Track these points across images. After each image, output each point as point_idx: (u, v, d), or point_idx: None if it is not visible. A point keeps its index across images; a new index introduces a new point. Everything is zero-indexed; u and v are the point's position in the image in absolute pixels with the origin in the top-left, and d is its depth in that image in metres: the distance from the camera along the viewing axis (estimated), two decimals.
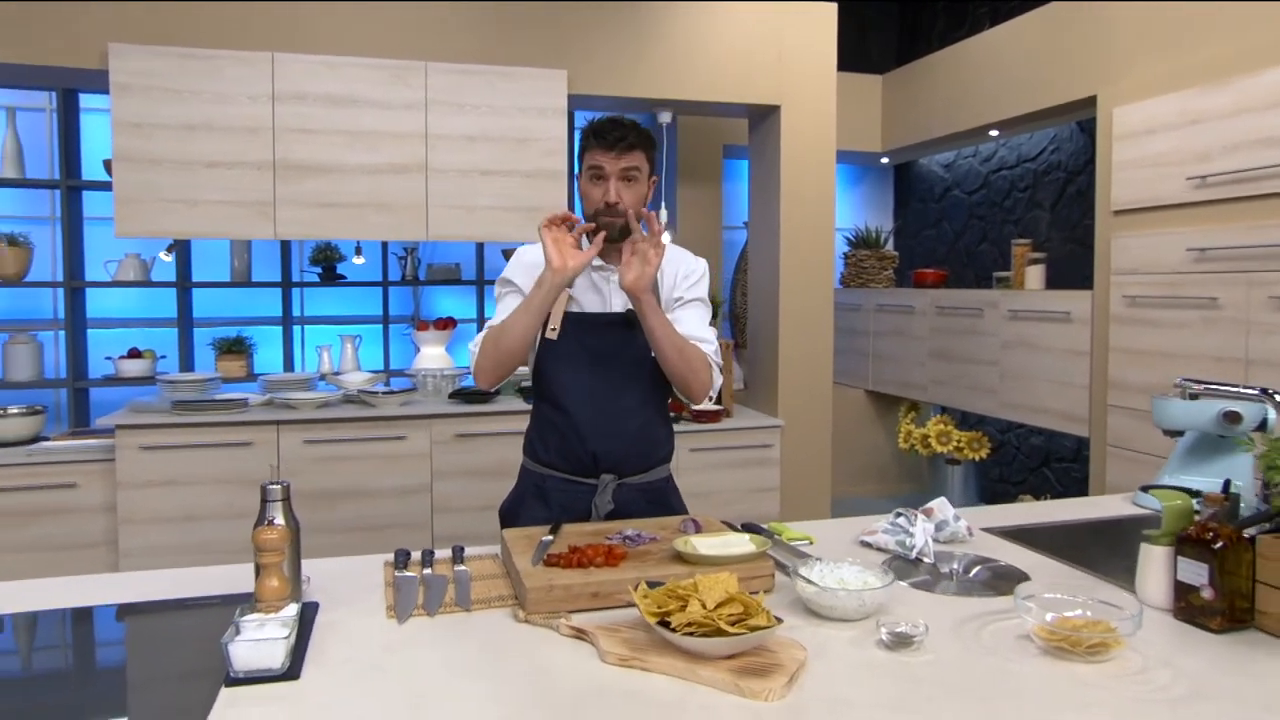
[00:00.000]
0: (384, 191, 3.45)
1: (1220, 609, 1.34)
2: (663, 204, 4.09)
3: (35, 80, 3.60)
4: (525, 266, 1.89)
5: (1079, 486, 4.46)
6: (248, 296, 4.49)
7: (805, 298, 4.08)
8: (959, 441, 4.72)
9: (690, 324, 1.91)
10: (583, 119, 5.10)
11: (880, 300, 5.24)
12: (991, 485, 5.25)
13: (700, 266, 2.00)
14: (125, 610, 1.48)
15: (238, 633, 1.20)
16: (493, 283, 4.45)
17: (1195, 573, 1.37)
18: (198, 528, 3.29)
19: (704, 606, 1.21)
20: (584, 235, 1.83)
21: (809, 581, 1.41)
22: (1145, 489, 2.13)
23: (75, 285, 4.00)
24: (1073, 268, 4.26)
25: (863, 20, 5.58)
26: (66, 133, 3.93)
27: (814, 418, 4.17)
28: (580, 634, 1.32)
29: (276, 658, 1.17)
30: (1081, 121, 4.39)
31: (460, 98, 3.49)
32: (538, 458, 1.95)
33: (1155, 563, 1.46)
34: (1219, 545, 1.35)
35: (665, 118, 3.98)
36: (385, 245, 4.49)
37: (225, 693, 1.14)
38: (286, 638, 1.18)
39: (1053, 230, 4.65)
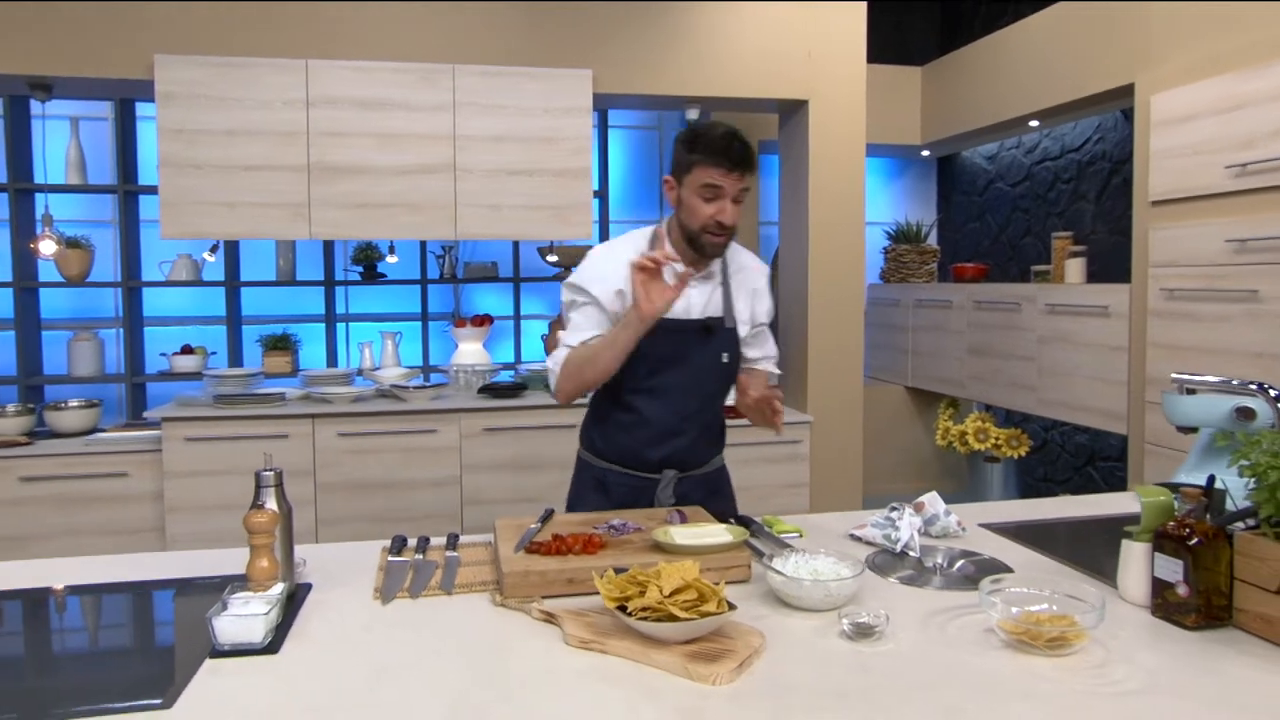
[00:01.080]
0: (414, 192, 3.56)
1: (1195, 606, 1.32)
2: None
3: (95, 92, 3.80)
4: (600, 278, 1.88)
5: (1123, 486, 4.33)
6: (293, 295, 4.66)
7: (835, 293, 4.06)
8: (997, 439, 4.63)
9: (766, 345, 2.07)
10: (593, 119, 5.15)
11: (918, 295, 5.17)
12: (1035, 484, 5.13)
13: (765, 277, 2.05)
14: (134, 587, 1.57)
15: (224, 609, 1.29)
16: (528, 280, 4.62)
17: (1171, 569, 1.35)
18: (239, 516, 3.44)
19: (661, 593, 1.24)
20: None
21: (776, 571, 1.44)
22: (1182, 487, 2.09)
23: (132, 285, 4.22)
24: (1117, 261, 4.14)
25: (902, 12, 5.50)
26: (123, 140, 4.14)
27: (844, 414, 4.15)
28: (550, 618, 1.36)
29: (257, 632, 1.25)
30: (1126, 110, 4.25)
31: (487, 99, 3.57)
32: (597, 452, 2.01)
33: (1135, 559, 1.44)
34: (1194, 542, 1.33)
35: (693, 115, 4.00)
36: (424, 244, 4.61)
37: (209, 663, 1.22)
38: (266, 614, 1.26)
39: (1097, 222, 4.52)
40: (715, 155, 1.77)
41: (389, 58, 3.53)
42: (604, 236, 4.66)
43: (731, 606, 1.26)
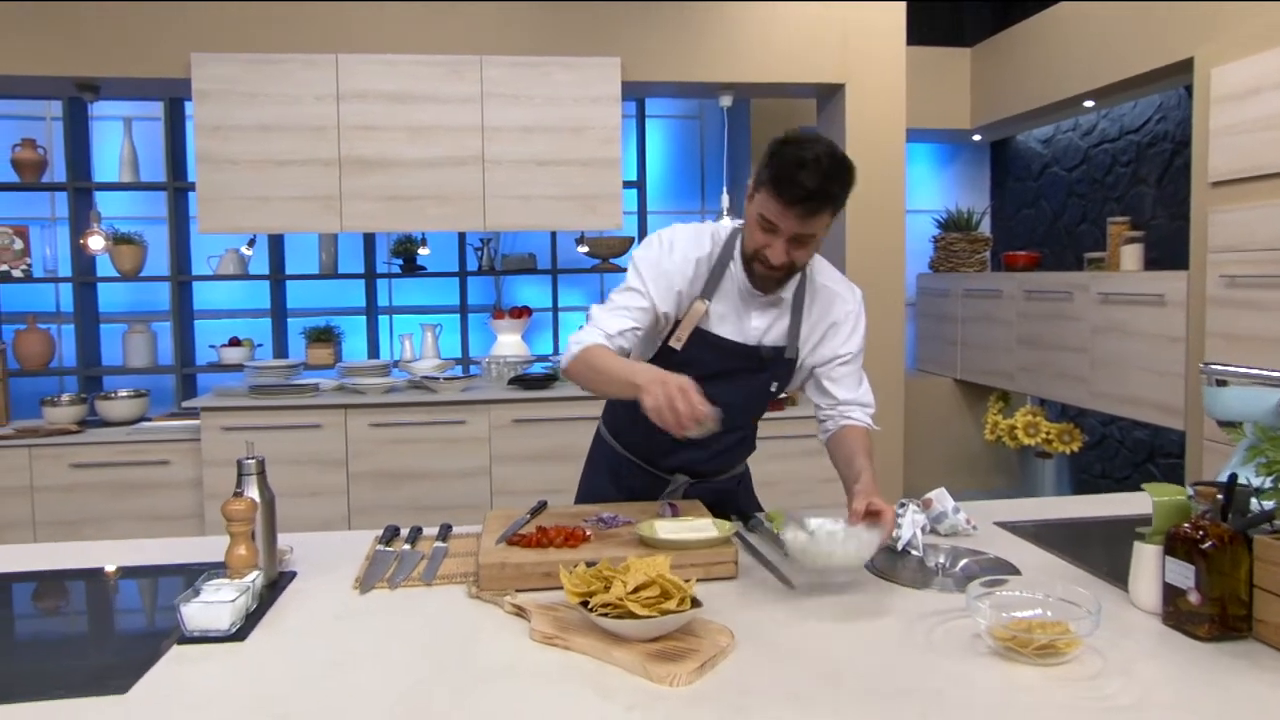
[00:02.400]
0: (443, 184, 3.57)
1: (1209, 615, 1.22)
2: (724, 189, 4.04)
3: (138, 91, 3.92)
4: (662, 274, 1.64)
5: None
6: (337, 288, 4.75)
7: (874, 284, 3.93)
8: (1048, 434, 4.44)
9: (858, 389, 1.76)
10: (630, 109, 5.09)
11: (968, 285, 4.99)
12: (1091, 481, 4.91)
13: (860, 301, 1.76)
14: (135, 571, 1.60)
15: (195, 595, 1.29)
16: (566, 272, 4.61)
17: (1183, 574, 1.25)
18: (276, 504, 3.52)
19: (625, 588, 1.20)
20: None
21: (802, 529, 1.45)
22: (1196, 485, 1.95)
23: (182, 279, 4.34)
24: (1178, 247, 3.91)
25: None
26: (173, 138, 4.26)
27: (885, 407, 3.98)
28: (521, 611, 1.34)
29: (224, 620, 1.25)
30: (1189, 86, 4.01)
31: (515, 89, 3.56)
32: (616, 434, 1.91)
33: (1146, 563, 1.34)
34: (1208, 545, 1.22)
35: (726, 101, 3.93)
36: (462, 236, 4.64)
37: (175, 650, 1.23)
38: (233, 601, 1.26)
39: (1158, 207, 4.29)
40: (777, 183, 1.47)
41: (417, 50, 3.55)
42: (641, 228, 4.62)
43: (696, 604, 1.21)
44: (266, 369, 3.81)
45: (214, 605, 1.25)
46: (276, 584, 1.48)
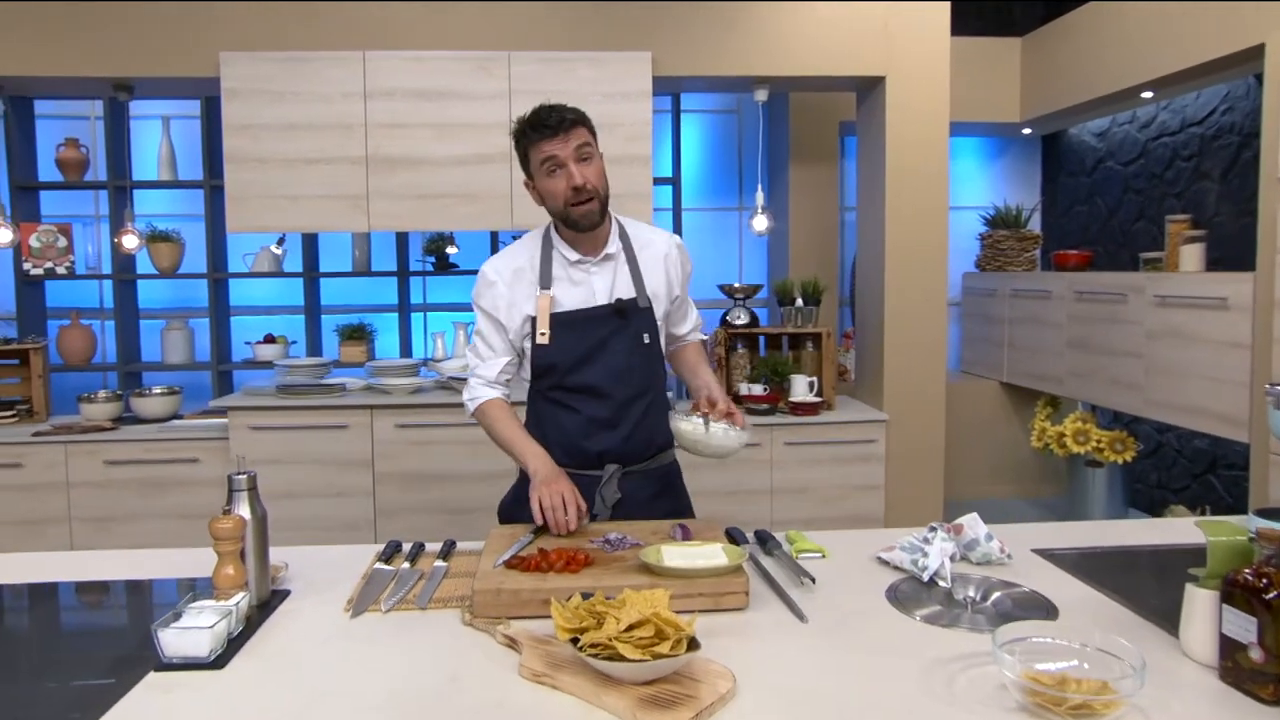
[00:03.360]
0: (470, 182, 3.52)
1: (1275, 675, 1.09)
2: (759, 186, 3.92)
3: (170, 91, 3.93)
4: (497, 300, 1.83)
5: (1246, 500, 3.88)
6: (371, 285, 4.74)
7: (915, 283, 3.79)
8: (1099, 441, 4.23)
9: (690, 317, 2.05)
10: (656, 103, 4.98)
11: (1015, 285, 4.79)
12: (1146, 492, 4.68)
13: (674, 245, 1.95)
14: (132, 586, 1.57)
15: (176, 619, 1.24)
16: None
17: (1243, 627, 1.12)
18: (302, 504, 3.52)
19: (618, 625, 1.12)
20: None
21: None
22: (1260, 513, 1.79)
23: (218, 276, 4.37)
24: (1245, 247, 3.69)
25: None
26: (210, 137, 4.28)
27: (924, 413, 3.88)
28: (513, 644, 1.26)
29: (202, 647, 1.20)
30: (1259, 74, 3.77)
31: (543, 85, 3.48)
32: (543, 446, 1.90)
33: (1200, 609, 1.21)
34: (1273, 596, 1.09)
35: (761, 95, 3.80)
36: (494, 234, 4.59)
37: (151, 677, 1.18)
38: (212, 627, 1.21)
39: (1222, 204, 4.05)
40: (534, 130, 1.72)
41: (445, 47, 3.49)
42: (676, 225, 4.52)
43: (694, 646, 1.12)
44: (296, 367, 3.81)
45: (191, 631, 1.20)
46: (268, 604, 1.43)
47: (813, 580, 1.49)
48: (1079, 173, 5.11)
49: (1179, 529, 1.86)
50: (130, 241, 3.80)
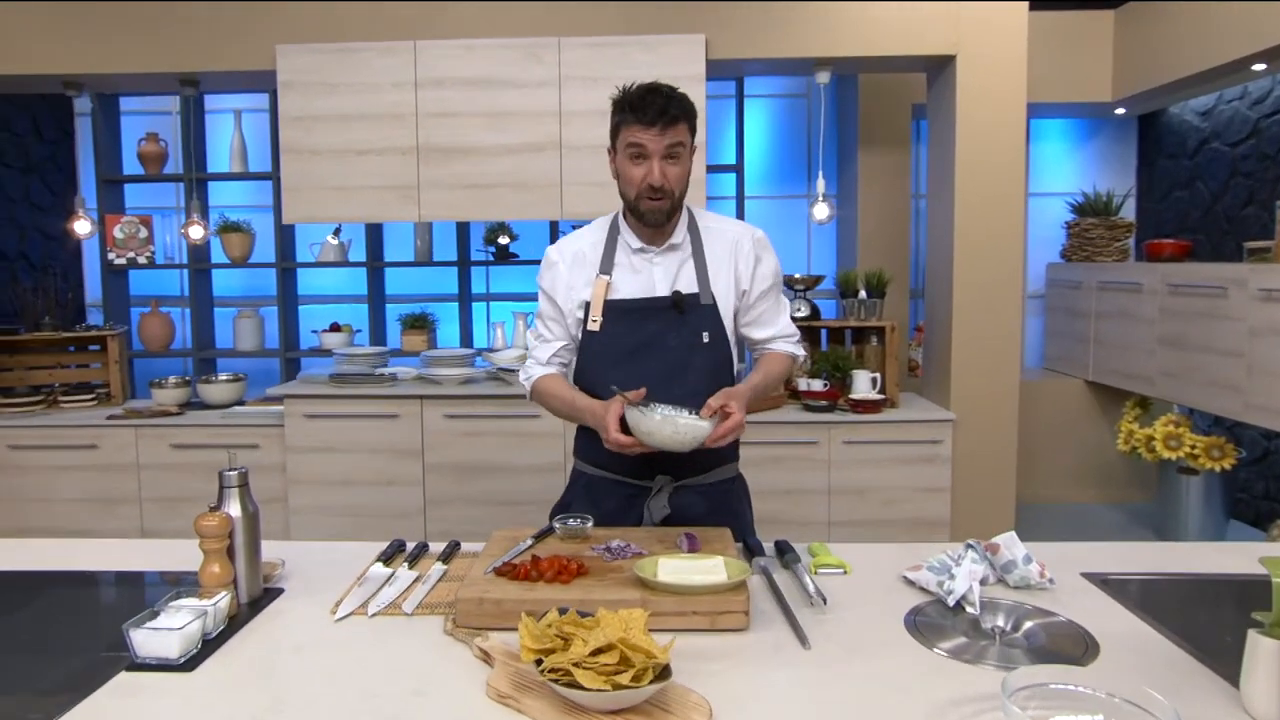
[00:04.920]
0: (520, 171, 3.48)
1: None
2: (819, 173, 3.75)
3: (234, 85, 4.02)
4: (556, 283, 1.77)
5: None
6: (435, 275, 4.78)
7: (987, 275, 3.56)
8: (1193, 447, 3.90)
9: (776, 323, 1.84)
10: (713, 88, 4.82)
11: (1103, 276, 4.46)
12: (1251, 503, 4.31)
13: (749, 236, 1.80)
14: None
15: (152, 617, 1.23)
16: None
17: None
18: (354, 492, 3.57)
19: (585, 647, 1.04)
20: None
21: (634, 407, 1.52)
22: None
23: (286, 266, 4.47)
24: None
25: None
26: (276, 129, 4.37)
27: (996, 412, 3.65)
28: (488, 658, 1.19)
29: (172, 648, 1.18)
30: None
31: (593, 71, 3.40)
32: (588, 457, 1.83)
33: (1263, 661, 1.05)
34: None
35: (823, 78, 3.63)
36: (554, 224, 4.56)
37: (122, 676, 1.16)
38: (182, 629, 1.18)
39: None
40: (632, 111, 1.63)
41: (495, 34, 3.45)
42: (739, 214, 4.39)
43: (664, 675, 1.03)
44: (354, 356, 3.86)
45: (161, 632, 1.18)
46: (258, 602, 1.41)
47: (824, 600, 1.38)
48: (1179, 155, 4.73)
49: (1244, 554, 1.66)
50: (196, 232, 3.92)
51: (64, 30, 3.59)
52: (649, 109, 1.61)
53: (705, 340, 1.71)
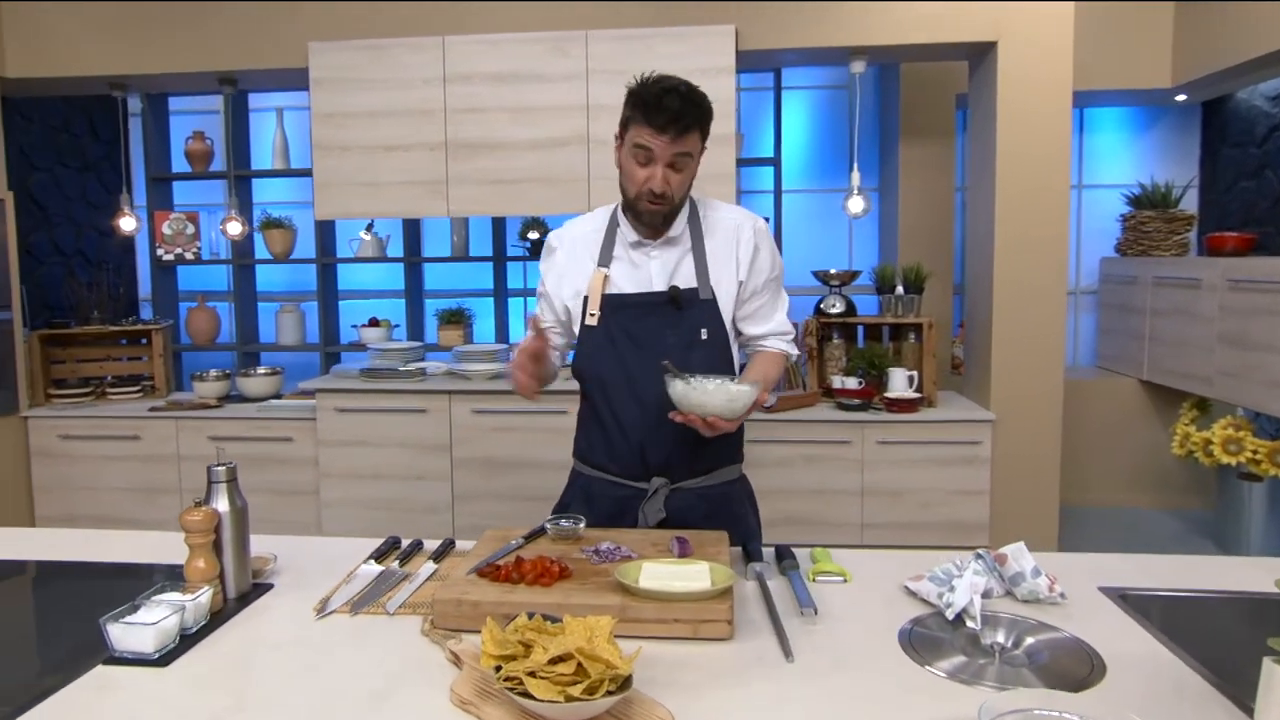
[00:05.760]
0: (547, 166, 3.46)
1: None
2: (854, 166, 3.65)
3: (275, 83, 4.08)
4: (552, 270, 1.76)
5: None
6: (472, 270, 4.80)
7: (1029, 270, 3.43)
8: (1255, 452, 3.69)
9: (771, 319, 1.77)
10: (751, 80, 4.72)
11: (1159, 271, 4.26)
12: None
13: (751, 225, 1.72)
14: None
15: (133, 611, 1.23)
16: None
17: None
18: (385, 486, 3.60)
19: (544, 654, 1.00)
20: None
21: (682, 379, 1.47)
22: None
23: (326, 261, 4.54)
24: None
25: None
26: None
27: (1038, 413, 3.51)
28: (457, 662, 1.17)
29: (148, 643, 1.18)
30: None
31: (620, 64, 3.36)
32: (585, 458, 1.80)
33: (1278, 692, 0.96)
34: None
35: (858, 68, 3.53)
36: None
37: (97, 670, 1.17)
38: (157, 624, 1.19)
39: None
40: (645, 111, 1.56)
41: (523, 28, 3.44)
42: (776, 208, 4.31)
43: (623, 688, 0.99)
44: (387, 351, 3.89)
45: (137, 627, 1.18)
46: (247, 597, 1.41)
47: (815, 610, 1.32)
48: (1246, 143, 4.48)
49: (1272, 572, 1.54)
50: (235, 228, 4.00)
51: (107, 32, 3.69)
52: (662, 114, 1.54)
53: (704, 337, 1.66)
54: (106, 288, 4.45)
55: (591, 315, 1.68)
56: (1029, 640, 1.24)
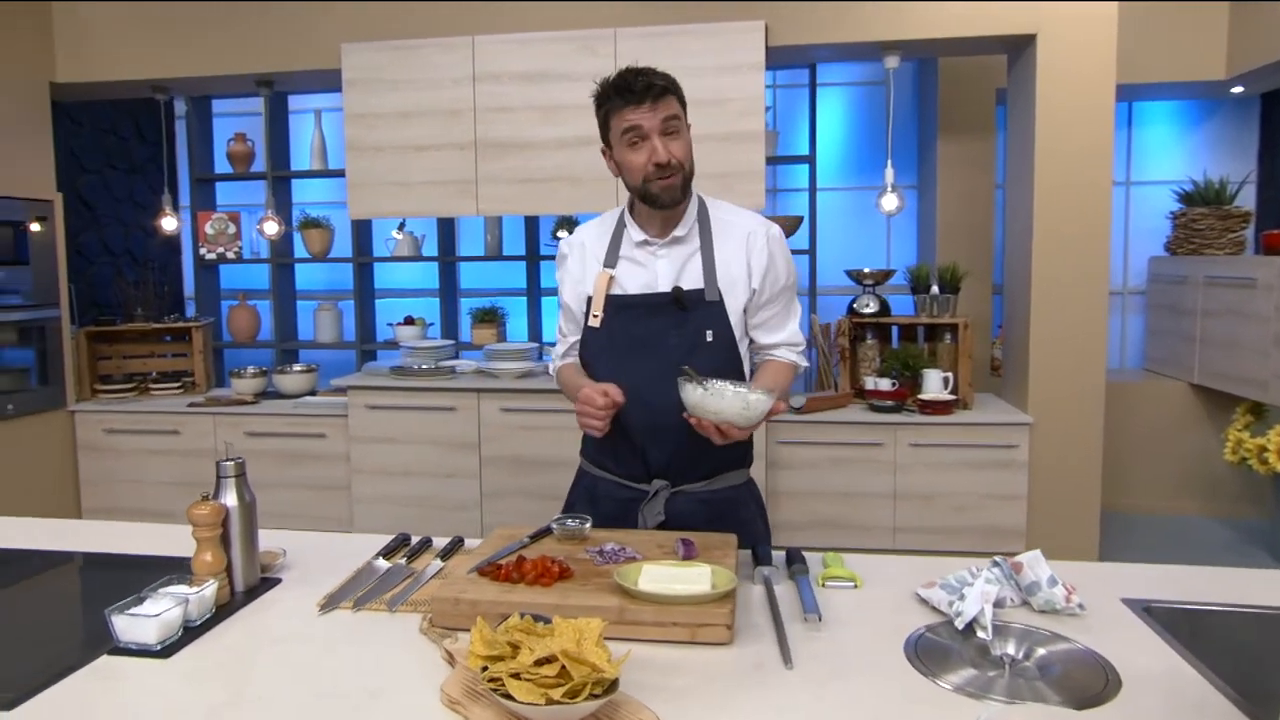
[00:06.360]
0: (575, 165, 3.45)
1: None
2: (889, 163, 3.58)
3: (310, 84, 4.14)
4: (566, 278, 1.75)
5: None
6: (508, 269, 4.83)
7: (1069, 269, 3.33)
8: None
9: (783, 329, 1.73)
10: (787, 77, 4.65)
11: (1211, 271, 4.10)
12: None
13: (763, 229, 1.67)
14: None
15: (139, 603, 1.25)
16: None
17: None
18: (415, 482, 3.64)
19: (531, 655, 0.99)
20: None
21: (698, 384, 1.43)
22: None
23: (362, 260, 4.60)
24: None
25: None
26: None
27: (1078, 416, 3.40)
28: (452, 661, 1.17)
29: (150, 635, 1.20)
30: None
31: (649, 62, 3.23)
32: (590, 458, 1.79)
33: None
34: None
35: (892, 63, 3.46)
36: None
37: (102, 660, 1.19)
38: (158, 616, 1.20)
39: None
40: (619, 95, 1.56)
41: (551, 27, 3.44)
42: (811, 207, 4.25)
43: (609, 691, 0.97)
44: (419, 350, 3.93)
45: (140, 619, 1.20)
46: (254, 591, 1.42)
47: (819, 616, 1.29)
48: None
49: None
50: (271, 228, 4.07)
51: (147, 36, 3.78)
52: (633, 89, 1.54)
53: (709, 340, 1.62)
54: (152, 286, 4.57)
55: (594, 316, 1.66)
56: (1041, 652, 1.19)
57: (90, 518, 3.93)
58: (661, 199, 1.59)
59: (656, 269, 1.66)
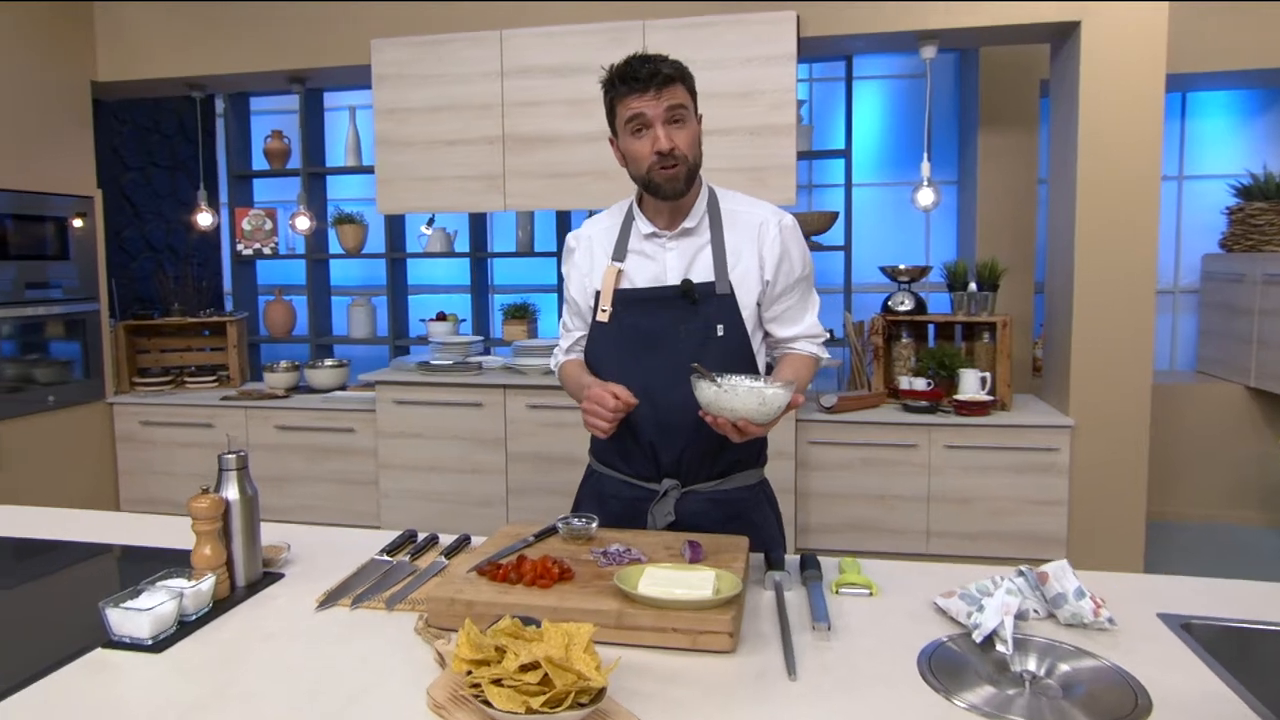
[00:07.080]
0: (602, 159, 3.41)
1: None
2: (925, 156, 3.47)
3: (341, 80, 4.16)
4: (573, 272, 1.70)
5: None
6: (540, 265, 4.81)
7: (1114, 267, 3.19)
8: None
9: (801, 321, 1.67)
10: (823, 70, 4.55)
11: (1270, 269, 3.92)
12: None
13: (775, 219, 1.62)
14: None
15: (134, 596, 1.24)
16: None
17: None
18: (441, 478, 3.63)
19: (517, 661, 0.95)
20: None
21: (712, 381, 1.37)
22: None
23: (395, 256, 4.62)
24: None
25: None
26: None
27: (1122, 419, 3.27)
28: (443, 663, 1.13)
29: (143, 629, 1.18)
30: None
31: (678, 53, 3.17)
32: (599, 456, 1.75)
33: None
34: None
35: (929, 53, 3.35)
36: None
37: (96, 653, 1.18)
38: (151, 610, 1.19)
39: None
40: (623, 82, 1.52)
41: (579, 20, 3.40)
42: (847, 201, 4.16)
43: (595, 700, 0.92)
44: (447, 345, 3.93)
45: (133, 612, 1.18)
46: (255, 586, 1.41)
47: (828, 625, 1.23)
48: None
49: None
50: (303, 224, 4.10)
51: (182, 34, 3.84)
52: (639, 73, 1.51)
53: (719, 334, 1.57)
54: (191, 281, 4.64)
55: (603, 311, 1.62)
56: (1064, 669, 1.11)
57: (128, 508, 4.00)
58: (664, 189, 1.55)
59: (665, 262, 1.61)
